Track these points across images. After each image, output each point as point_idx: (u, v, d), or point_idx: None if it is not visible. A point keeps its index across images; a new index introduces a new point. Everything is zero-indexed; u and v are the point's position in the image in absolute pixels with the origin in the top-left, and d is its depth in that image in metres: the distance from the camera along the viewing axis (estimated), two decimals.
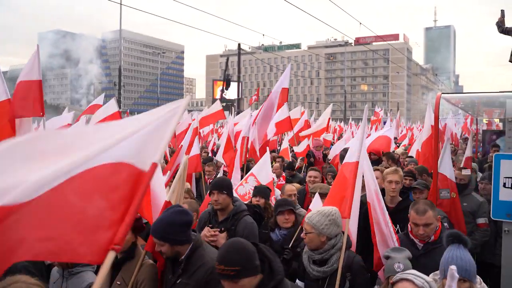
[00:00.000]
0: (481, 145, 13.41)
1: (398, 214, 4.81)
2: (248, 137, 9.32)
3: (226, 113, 17.32)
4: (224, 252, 2.66)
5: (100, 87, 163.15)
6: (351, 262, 3.72)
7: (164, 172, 7.85)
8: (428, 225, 3.84)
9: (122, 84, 41.96)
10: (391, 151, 11.09)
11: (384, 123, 18.49)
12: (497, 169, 4.55)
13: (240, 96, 41.42)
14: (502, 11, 8.14)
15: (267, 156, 6.93)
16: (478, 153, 13.01)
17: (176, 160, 8.04)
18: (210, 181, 9.06)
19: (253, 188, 6.19)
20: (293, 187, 5.98)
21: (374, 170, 5.15)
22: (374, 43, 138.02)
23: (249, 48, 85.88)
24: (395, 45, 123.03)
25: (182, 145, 8.68)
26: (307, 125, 16.59)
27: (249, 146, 9.54)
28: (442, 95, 5.08)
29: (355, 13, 32.11)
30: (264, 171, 6.70)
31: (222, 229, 4.40)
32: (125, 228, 1.87)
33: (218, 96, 49.53)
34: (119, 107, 41.11)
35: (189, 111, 24.30)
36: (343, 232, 3.81)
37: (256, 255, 2.70)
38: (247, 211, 4.67)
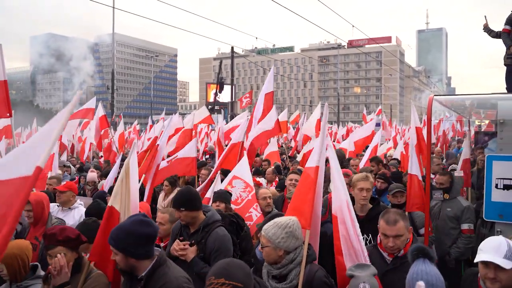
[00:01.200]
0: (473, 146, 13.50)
1: (369, 223, 4.50)
2: (243, 142, 8.98)
3: (220, 116, 17.42)
4: (224, 265, 2.45)
5: (93, 90, 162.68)
6: (312, 278, 3.38)
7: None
8: (398, 236, 3.57)
9: (115, 88, 41.86)
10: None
11: (377, 124, 18.39)
12: (489, 170, 4.58)
13: (233, 99, 41.43)
14: (485, 17, 8.46)
15: (245, 159, 6.67)
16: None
17: (155, 162, 7.61)
18: None
19: (243, 190, 6.05)
20: (267, 190, 5.74)
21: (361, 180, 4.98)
22: (367, 46, 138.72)
23: (243, 51, 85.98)
24: (387, 47, 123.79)
25: (158, 144, 8.02)
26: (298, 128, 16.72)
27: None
28: (434, 97, 5.10)
29: (348, 16, 32.31)
30: (247, 173, 6.46)
31: (193, 242, 4.15)
32: (2, 238, 1.82)
33: (211, 99, 49.50)
34: (112, 111, 40.78)
35: (183, 115, 24.25)
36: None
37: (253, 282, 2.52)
38: (221, 221, 4.35)
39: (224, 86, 45.92)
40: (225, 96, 47.12)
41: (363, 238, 4.17)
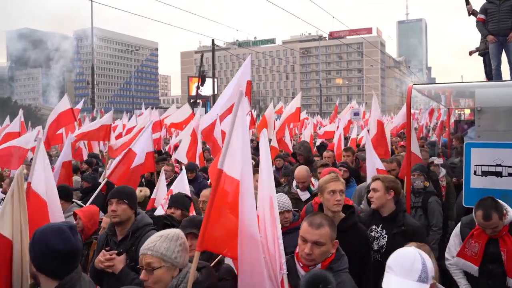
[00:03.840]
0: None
1: (341, 237, 3.52)
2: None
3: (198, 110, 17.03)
4: None
5: (72, 86, 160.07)
6: None
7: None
8: (319, 244, 2.93)
9: (95, 83, 41.31)
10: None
11: (355, 114, 18.21)
12: (467, 158, 4.66)
13: (215, 92, 41.26)
14: (467, 1, 8.42)
15: (184, 173, 5.87)
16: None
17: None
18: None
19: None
20: (207, 193, 5.01)
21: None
22: (348, 37, 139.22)
23: (224, 44, 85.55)
24: (368, 38, 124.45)
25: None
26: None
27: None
28: (414, 86, 5.16)
29: (328, 7, 32.38)
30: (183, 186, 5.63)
31: (121, 250, 3.62)
32: None
33: (193, 92, 49.19)
34: (93, 106, 40.50)
35: (165, 109, 24.02)
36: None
37: None
38: (153, 225, 3.83)
39: (206, 79, 45.70)
40: (207, 89, 46.92)
41: None
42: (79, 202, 5.86)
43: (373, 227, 4.26)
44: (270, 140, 15.48)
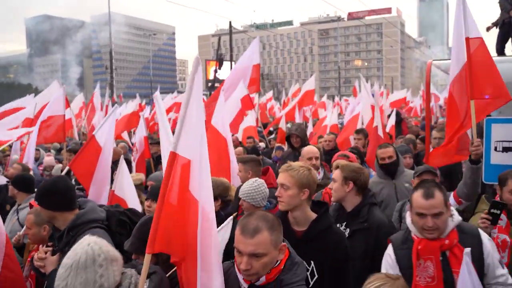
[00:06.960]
0: None
1: (312, 244, 2.97)
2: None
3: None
4: None
5: (91, 71, 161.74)
6: None
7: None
8: (257, 256, 2.29)
9: (114, 68, 41.69)
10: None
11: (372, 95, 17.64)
12: (488, 133, 4.60)
13: None
14: None
15: (124, 166, 4.89)
16: None
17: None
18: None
19: None
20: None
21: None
22: (367, 18, 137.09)
23: (241, 27, 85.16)
24: (388, 18, 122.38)
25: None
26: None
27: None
28: (433, 61, 5.06)
29: None
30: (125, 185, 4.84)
31: (55, 249, 3.15)
32: None
33: (211, 76, 49.20)
34: (112, 91, 40.85)
35: (182, 93, 24.04)
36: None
37: None
38: (101, 221, 3.24)
39: (224, 62, 45.67)
40: (225, 72, 46.93)
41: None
42: None
43: (337, 225, 3.53)
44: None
